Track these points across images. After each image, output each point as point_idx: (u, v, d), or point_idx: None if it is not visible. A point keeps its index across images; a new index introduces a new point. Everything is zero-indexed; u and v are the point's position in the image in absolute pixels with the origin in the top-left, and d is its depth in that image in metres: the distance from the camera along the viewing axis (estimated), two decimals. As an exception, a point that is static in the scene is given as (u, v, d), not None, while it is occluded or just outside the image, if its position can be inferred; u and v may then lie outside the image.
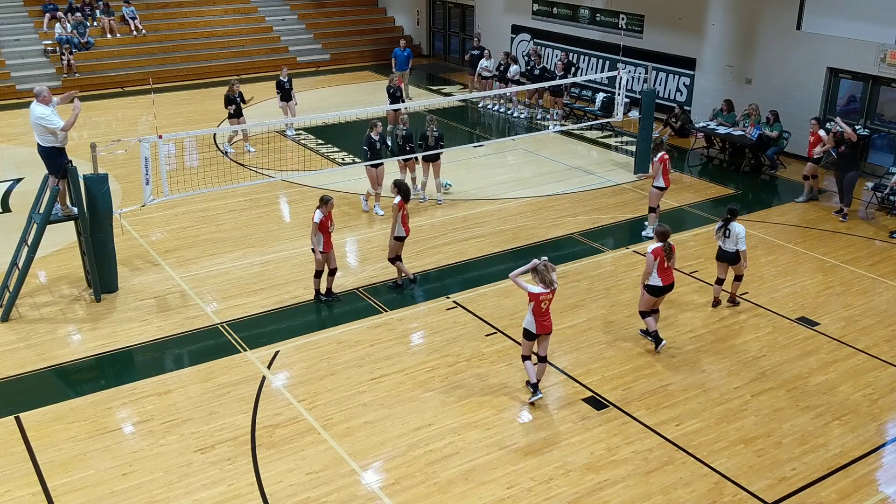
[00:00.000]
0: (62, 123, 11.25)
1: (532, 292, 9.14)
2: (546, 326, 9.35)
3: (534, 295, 9.14)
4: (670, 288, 10.59)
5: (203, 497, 8.07)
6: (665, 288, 10.50)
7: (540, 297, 9.15)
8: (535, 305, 9.19)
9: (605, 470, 8.47)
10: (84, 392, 9.84)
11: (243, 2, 29.86)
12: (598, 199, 16.08)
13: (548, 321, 9.35)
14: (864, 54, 16.84)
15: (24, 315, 11.56)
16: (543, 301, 9.17)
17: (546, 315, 9.30)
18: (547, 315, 9.31)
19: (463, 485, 8.24)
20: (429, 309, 11.84)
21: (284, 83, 19.84)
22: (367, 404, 9.54)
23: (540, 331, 9.34)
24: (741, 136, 17.81)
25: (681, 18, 20.82)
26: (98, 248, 11.88)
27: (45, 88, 11.57)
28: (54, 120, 11.23)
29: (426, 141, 15.36)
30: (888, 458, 8.75)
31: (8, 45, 25.35)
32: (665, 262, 10.33)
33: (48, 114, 11.23)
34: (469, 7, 28.00)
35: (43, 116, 11.19)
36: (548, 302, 9.21)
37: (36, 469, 8.47)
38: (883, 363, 10.46)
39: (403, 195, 11.89)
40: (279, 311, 11.75)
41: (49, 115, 11.23)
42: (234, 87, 18.29)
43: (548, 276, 9.12)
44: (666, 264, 10.35)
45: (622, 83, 17.47)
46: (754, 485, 8.27)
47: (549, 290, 9.15)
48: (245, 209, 15.44)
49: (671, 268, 10.45)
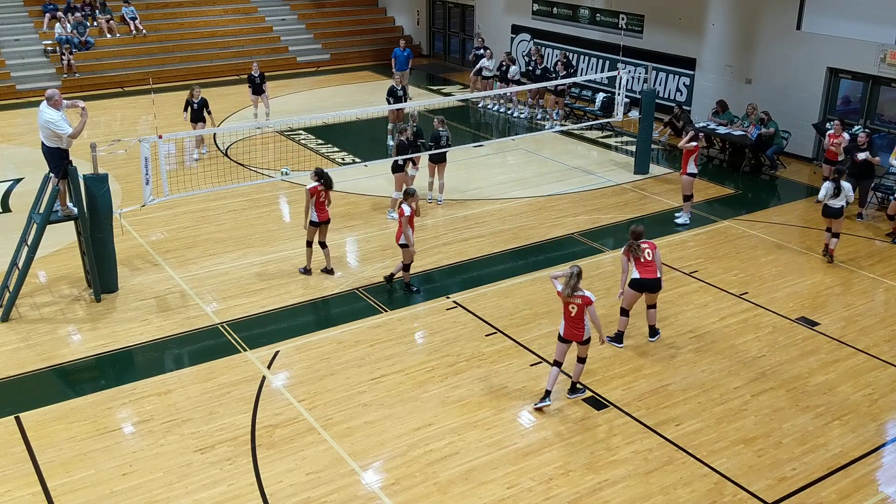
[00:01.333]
0: (70, 130, 11.27)
1: (557, 290, 9.30)
2: (572, 333, 9.32)
3: (559, 293, 9.27)
4: (653, 284, 10.53)
5: (203, 497, 8.07)
6: (644, 282, 10.46)
7: (562, 298, 9.21)
8: (564, 308, 9.28)
9: (605, 470, 8.47)
10: (84, 392, 9.84)
11: (243, 2, 29.85)
12: (598, 199, 16.08)
13: (577, 328, 9.28)
14: (864, 54, 16.84)
15: (24, 315, 11.56)
16: (570, 305, 9.18)
17: (574, 321, 9.25)
18: (576, 321, 9.25)
19: (463, 485, 8.24)
20: (429, 309, 11.84)
21: (255, 78, 20.33)
22: (367, 404, 9.54)
23: (566, 335, 9.37)
24: (741, 136, 17.81)
25: (681, 18, 20.82)
26: (98, 248, 11.88)
27: (58, 93, 11.55)
28: (63, 126, 11.24)
29: (437, 141, 15.32)
30: (888, 458, 8.75)
31: (8, 45, 25.35)
32: (639, 259, 10.39)
33: (57, 119, 11.22)
34: (469, 7, 28.00)
35: (52, 121, 11.19)
36: (576, 307, 9.18)
37: (36, 469, 8.47)
38: (883, 363, 10.46)
39: (325, 183, 12.34)
40: (279, 311, 11.75)
41: (58, 120, 11.23)
42: (196, 93, 18.19)
43: (569, 281, 9.16)
44: (642, 260, 10.40)
45: (622, 83, 17.47)
46: (754, 485, 8.27)
47: (568, 295, 9.16)
48: (245, 209, 15.44)
49: (653, 263, 10.45)
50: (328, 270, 12.80)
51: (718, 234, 14.45)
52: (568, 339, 9.39)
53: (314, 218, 12.39)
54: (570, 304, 9.18)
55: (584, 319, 9.26)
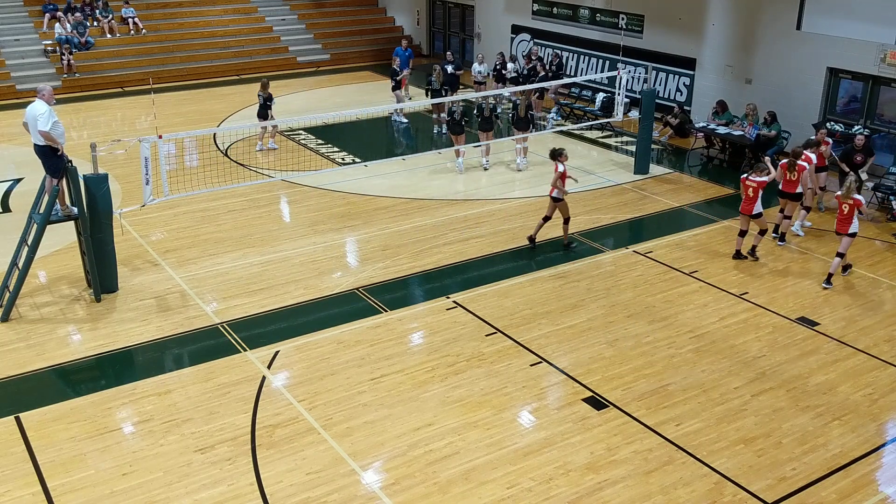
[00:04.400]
0: (46, 129, 11.23)
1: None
2: (842, 227, 12.40)
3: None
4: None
5: (203, 497, 8.07)
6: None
7: (839, 200, 12.39)
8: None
9: (605, 470, 8.47)
10: (84, 392, 9.84)
11: (243, 2, 29.87)
12: (598, 199, 16.08)
13: (844, 224, 12.34)
14: (864, 54, 16.85)
15: (24, 315, 11.56)
16: (843, 206, 12.24)
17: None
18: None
19: (463, 485, 8.24)
20: (429, 309, 11.84)
21: (262, 97, 18.95)
22: (367, 404, 9.54)
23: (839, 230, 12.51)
24: (741, 136, 17.82)
25: (681, 18, 20.83)
26: (98, 248, 11.88)
27: (49, 88, 11.61)
28: (46, 119, 11.24)
29: (482, 113, 17.39)
30: (888, 458, 8.75)
31: (8, 45, 25.36)
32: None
33: (44, 112, 11.26)
34: (469, 7, 28.01)
35: (40, 113, 11.23)
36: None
37: (36, 469, 8.47)
38: (883, 363, 10.46)
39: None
40: (279, 311, 11.75)
41: (45, 113, 11.26)
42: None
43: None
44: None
45: (622, 83, 17.48)
46: (754, 485, 8.27)
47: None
48: (245, 209, 15.44)
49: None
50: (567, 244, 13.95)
51: (718, 234, 14.45)
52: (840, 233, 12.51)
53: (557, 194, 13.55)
54: (843, 204, 12.07)
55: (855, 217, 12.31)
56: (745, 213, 13.11)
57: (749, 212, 13.02)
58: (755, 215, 13.01)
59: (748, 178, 12.95)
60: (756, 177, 12.87)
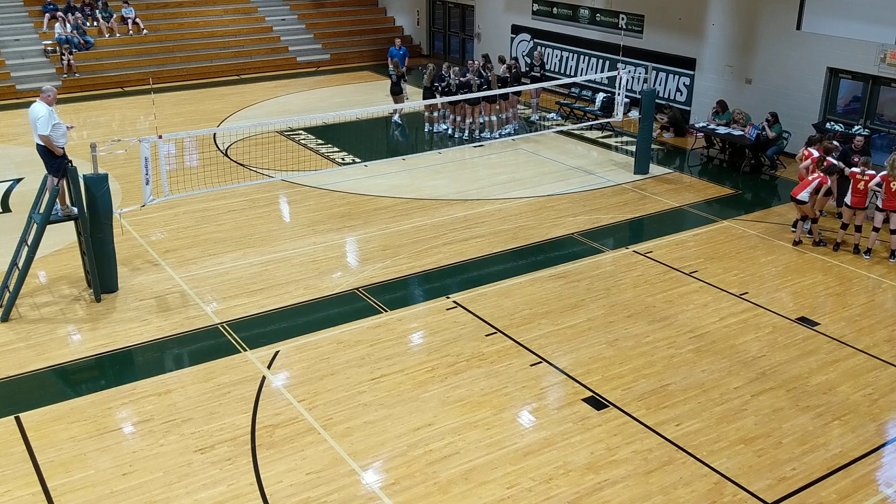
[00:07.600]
0: (45, 132, 11.24)
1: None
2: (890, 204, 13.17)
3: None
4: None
5: (203, 497, 8.07)
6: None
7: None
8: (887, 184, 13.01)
9: (605, 470, 8.47)
10: (84, 392, 9.84)
11: (243, 2, 29.86)
12: (598, 199, 16.09)
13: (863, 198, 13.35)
14: (864, 54, 16.84)
15: (24, 315, 11.56)
16: (893, 182, 12.92)
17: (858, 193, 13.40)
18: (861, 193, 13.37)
19: (463, 485, 8.24)
20: (429, 309, 11.85)
21: None
22: (367, 404, 9.54)
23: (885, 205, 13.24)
24: (741, 136, 17.82)
25: (681, 18, 20.82)
26: (98, 248, 11.87)
27: (52, 89, 11.60)
28: (46, 122, 11.24)
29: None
30: (888, 458, 8.75)
31: (8, 45, 25.36)
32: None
33: (43, 115, 11.26)
34: (469, 7, 28.00)
35: (40, 117, 11.23)
36: (863, 183, 13.24)
37: (36, 469, 8.47)
38: (883, 363, 10.46)
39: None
40: (279, 311, 11.75)
41: (44, 116, 11.26)
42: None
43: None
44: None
45: (622, 83, 17.48)
46: (754, 485, 8.27)
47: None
48: (245, 209, 15.45)
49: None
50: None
51: (718, 234, 14.46)
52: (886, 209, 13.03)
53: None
54: (893, 181, 12.75)
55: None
56: (859, 207, 13.48)
57: (862, 204, 13.46)
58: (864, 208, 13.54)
59: (864, 173, 13.28)
60: (870, 170, 13.33)
